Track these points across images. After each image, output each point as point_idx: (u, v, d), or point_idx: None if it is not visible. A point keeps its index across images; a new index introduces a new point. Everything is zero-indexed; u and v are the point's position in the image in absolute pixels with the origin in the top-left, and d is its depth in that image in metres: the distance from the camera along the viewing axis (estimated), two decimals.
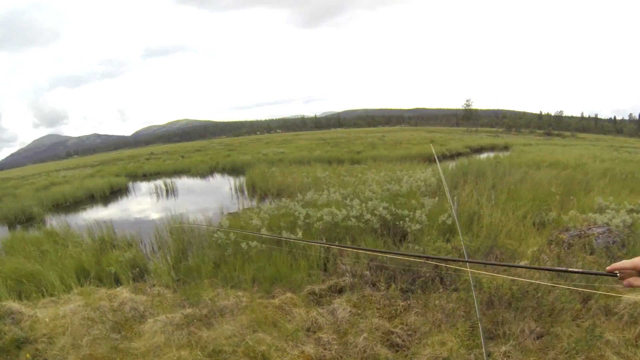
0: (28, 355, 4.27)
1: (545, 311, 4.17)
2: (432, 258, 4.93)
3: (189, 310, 5.08)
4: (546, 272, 4.85)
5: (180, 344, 4.15)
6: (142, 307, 5.39)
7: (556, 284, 4.36)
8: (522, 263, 5.57)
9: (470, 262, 4.14)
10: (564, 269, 1.73)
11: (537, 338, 3.91)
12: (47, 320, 5.02)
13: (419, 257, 4.90)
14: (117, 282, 7.04)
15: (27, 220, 15.77)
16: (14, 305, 5.52)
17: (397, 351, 3.99)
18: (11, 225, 15.61)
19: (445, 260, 4.82)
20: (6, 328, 4.73)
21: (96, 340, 4.47)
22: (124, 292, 6.00)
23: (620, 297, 4.32)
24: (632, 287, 1.26)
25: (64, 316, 5.08)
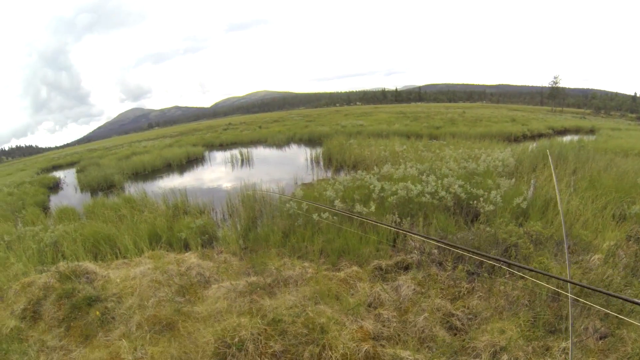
0: (97, 313, 4.69)
1: (614, 311, 3.92)
2: (527, 269, 4.45)
3: (253, 279, 5.26)
4: (620, 270, 4.64)
5: (241, 311, 4.31)
6: (207, 273, 5.70)
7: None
8: (596, 256, 5.23)
9: (572, 283, 3.63)
10: None
11: (600, 338, 3.78)
12: (118, 280, 5.48)
13: (515, 264, 4.41)
14: (187, 247, 7.53)
15: (109, 187, 17.47)
16: (89, 265, 6.11)
17: (455, 334, 3.97)
18: (94, 192, 17.37)
19: (547, 277, 4.34)
20: (80, 286, 5.24)
21: (161, 302, 4.80)
22: (191, 258, 6.38)
23: None
24: None
25: (133, 278, 5.51)
